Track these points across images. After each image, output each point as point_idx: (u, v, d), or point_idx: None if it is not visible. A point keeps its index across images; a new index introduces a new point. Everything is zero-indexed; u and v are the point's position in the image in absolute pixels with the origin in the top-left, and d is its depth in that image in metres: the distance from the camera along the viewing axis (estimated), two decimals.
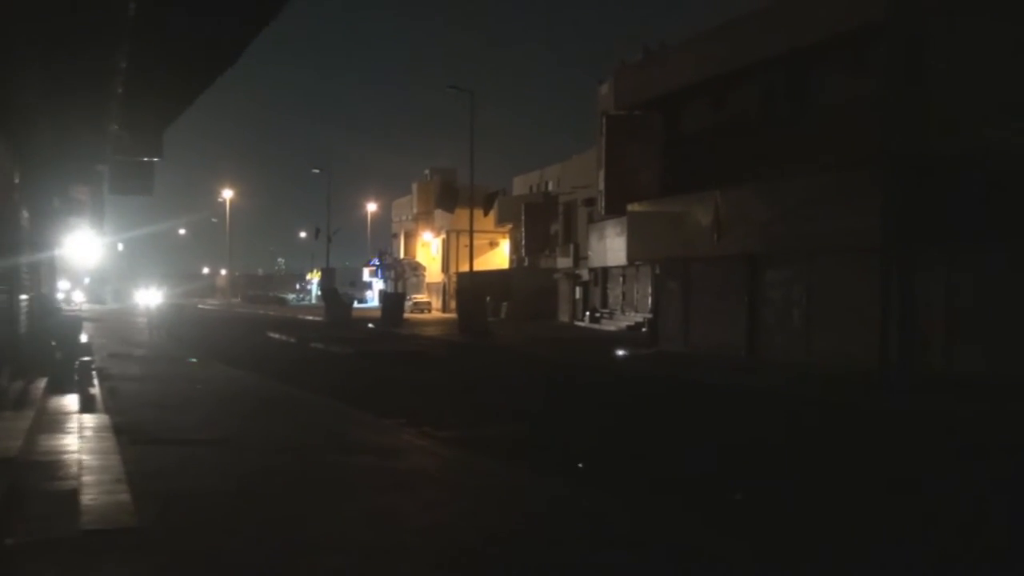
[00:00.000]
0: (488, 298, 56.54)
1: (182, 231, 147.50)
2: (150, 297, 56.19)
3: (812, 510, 10.01)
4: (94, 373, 18.97)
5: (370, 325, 53.41)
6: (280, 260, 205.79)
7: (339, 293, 64.96)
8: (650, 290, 39.16)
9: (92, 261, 47.75)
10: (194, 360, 27.04)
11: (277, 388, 20.34)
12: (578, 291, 58.48)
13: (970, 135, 21.74)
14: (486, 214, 67.85)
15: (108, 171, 21.67)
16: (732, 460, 13.04)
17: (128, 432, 12.56)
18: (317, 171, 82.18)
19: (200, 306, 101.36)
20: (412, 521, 8.45)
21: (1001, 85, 21.92)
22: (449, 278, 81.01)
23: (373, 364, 28.98)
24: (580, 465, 12.28)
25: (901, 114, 21.65)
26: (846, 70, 25.13)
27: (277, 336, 43.73)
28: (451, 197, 79.00)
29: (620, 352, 32.07)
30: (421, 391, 21.52)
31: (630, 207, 34.58)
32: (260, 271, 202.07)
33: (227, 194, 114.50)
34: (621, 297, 52.26)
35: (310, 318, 65.99)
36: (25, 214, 18.41)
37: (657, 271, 35.00)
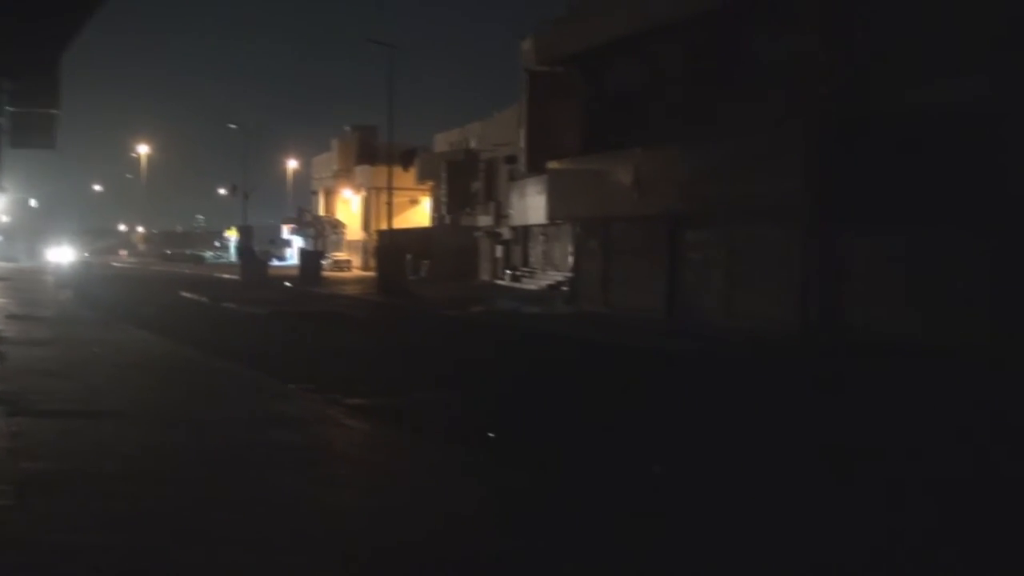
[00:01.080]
0: (409, 256, 55.71)
1: (97, 187, 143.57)
2: (62, 254, 54.57)
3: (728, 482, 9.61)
4: None
5: (287, 284, 52.33)
6: (200, 217, 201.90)
7: (255, 251, 63.59)
8: (571, 249, 38.73)
9: None
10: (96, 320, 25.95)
11: (182, 352, 19.47)
12: (499, 250, 57.91)
13: (897, 96, 21.50)
14: (405, 169, 66.76)
15: (5, 125, 20.54)
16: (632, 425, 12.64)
17: (8, 403, 11.69)
18: (233, 127, 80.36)
19: (114, 263, 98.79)
20: (308, 505, 7.83)
21: (929, 46, 21.68)
22: (370, 236, 79.86)
23: (285, 326, 28.15)
24: (491, 435, 11.75)
25: (828, 75, 21.32)
26: (774, 28, 24.59)
27: (190, 295, 42.49)
28: (371, 152, 77.81)
29: (537, 312, 31.64)
30: (333, 355, 20.85)
31: (550, 165, 34.00)
32: (179, 228, 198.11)
33: (142, 149, 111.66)
34: (542, 256, 51.84)
35: (226, 276, 64.51)
36: None
37: (578, 230, 34.55)
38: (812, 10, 20.86)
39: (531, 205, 48.50)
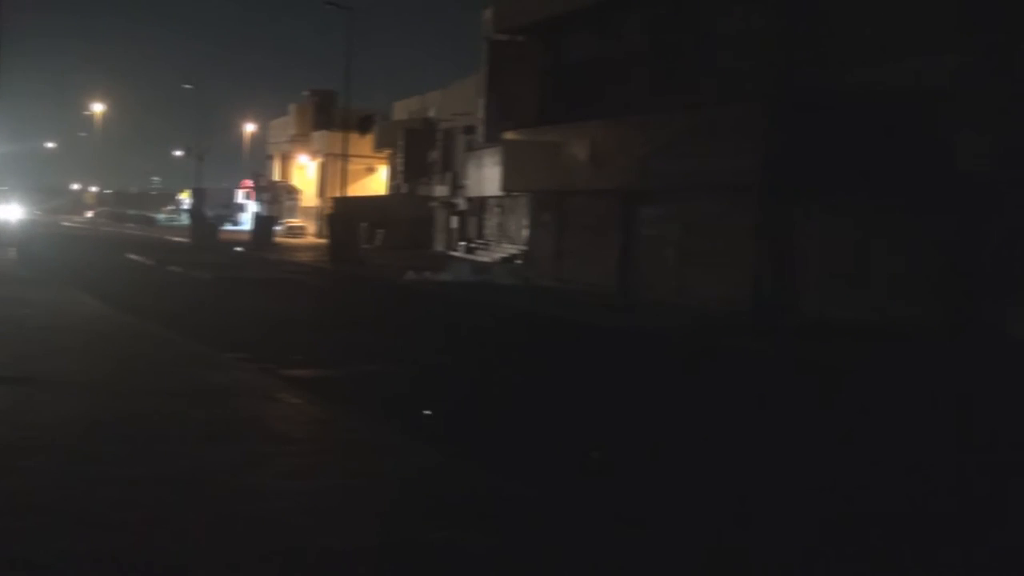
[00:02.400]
0: (364, 225, 54.98)
1: (50, 144, 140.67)
2: (9, 212, 53.32)
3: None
4: None
5: (238, 248, 51.48)
6: (155, 178, 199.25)
7: (205, 214, 62.60)
8: (526, 222, 38.28)
9: None
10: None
11: (115, 316, 18.82)
12: (455, 221, 57.29)
13: (856, 74, 21.25)
14: (362, 136, 65.86)
15: None
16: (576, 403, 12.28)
17: None
18: (189, 87, 78.95)
19: (64, 223, 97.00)
20: (222, 487, 7.34)
21: (887, 24, 21.44)
22: (325, 203, 78.85)
23: (230, 291, 27.51)
24: (427, 412, 11.32)
25: (786, 50, 20.95)
26: (733, 2, 24.21)
27: (136, 258, 41.60)
28: (327, 116, 76.75)
29: (485, 284, 31.20)
30: (276, 323, 20.31)
31: (506, 136, 33.48)
32: (133, 189, 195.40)
33: (97, 107, 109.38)
34: (497, 228, 51.29)
35: (177, 239, 63.42)
36: None
37: (533, 203, 34.12)
38: None
39: (487, 176, 47.88)
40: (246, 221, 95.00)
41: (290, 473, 7.86)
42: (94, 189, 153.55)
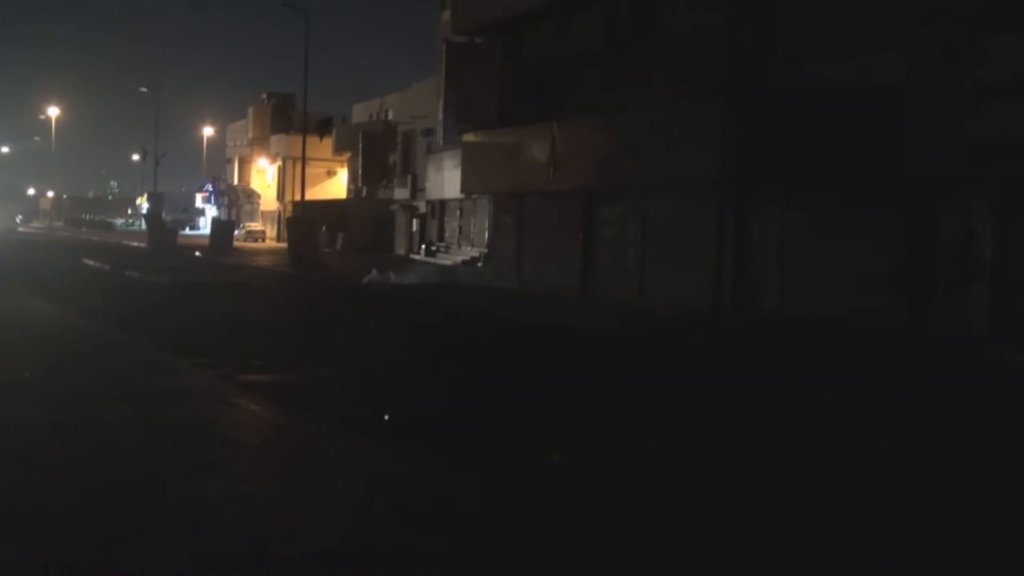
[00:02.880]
0: (324, 228, 54.71)
1: (4, 148, 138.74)
2: None
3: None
4: None
5: (196, 253, 51.06)
6: (113, 183, 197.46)
7: (163, 219, 62.08)
8: (487, 224, 38.20)
9: None
10: None
11: (69, 320, 18.56)
12: (415, 223, 57.11)
13: (812, 71, 21.35)
14: (321, 139, 65.49)
15: None
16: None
17: None
18: (145, 89, 78.12)
19: (20, 229, 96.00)
20: (174, 492, 7.21)
21: (840, 20, 21.57)
22: (284, 206, 78.36)
23: (187, 295, 27.20)
24: (385, 416, 11.19)
25: (743, 47, 20.99)
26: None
27: (92, 263, 41.09)
28: (285, 120, 76.22)
29: (448, 288, 31.09)
30: (233, 327, 20.07)
31: (465, 137, 33.36)
32: (91, 194, 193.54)
33: (52, 112, 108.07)
34: (458, 231, 51.18)
35: (135, 244, 62.82)
36: None
37: (493, 205, 34.03)
38: None
39: (447, 179, 47.77)
40: (204, 225, 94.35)
41: (244, 479, 7.72)
42: (50, 194, 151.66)
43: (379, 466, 8.49)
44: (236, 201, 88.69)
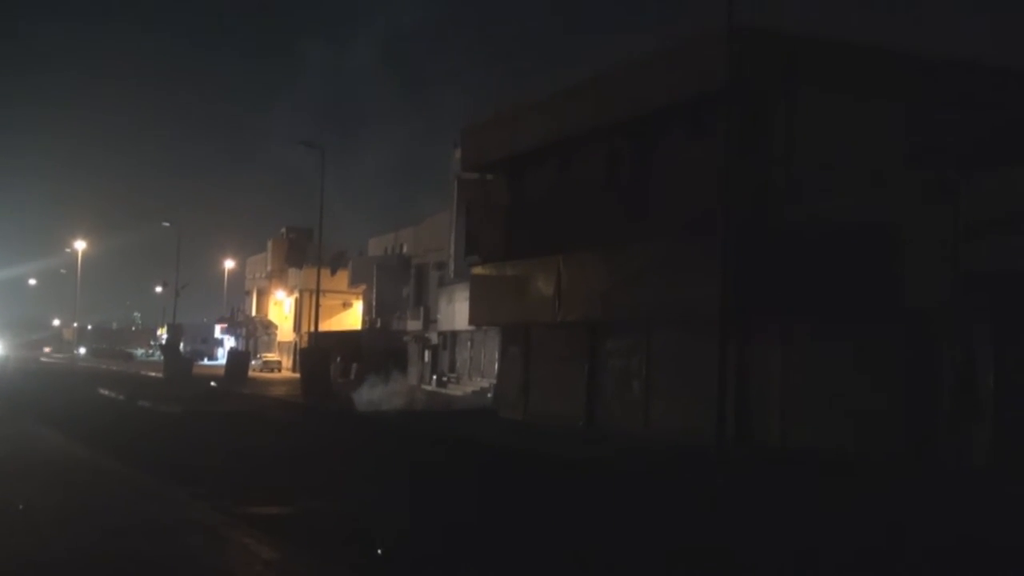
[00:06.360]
0: (338, 359, 55.04)
1: (32, 281, 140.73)
2: None
3: None
4: None
5: (212, 383, 51.34)
6: (136, 314, 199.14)
7: (179, 349, 62.60)
8: (497, 355, 38.42)
9: None
10: None
11: (75, 451, 18.75)
12: (427, 354, 57.44)
13: (809, 206, 21.81)
14: (333, 273, 66.41)
15: None
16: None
17: None
18: (167, 224, 79.94)
19: (42, 359, 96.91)
20: None
21: (839, 156, 22.14)
22: (300, 337, 78.98)
23: (198, 426, 27.34)
24: (379, 551, 11.21)
25: (741, 183, 21.46)
26: (689, 137, 24.84)
27: (107, 392, 41.39)
28: (299, 255, 77.42)
29: (456, 419, 31.18)
30: (239, 457, 20.14)
31: (473, 270, 33.89)
32: (115, 325, 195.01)
33: (79, 245, 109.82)
34: (469, 361, 51.42)
35: (152, 374, 63.20)
36: None
37: (502, 336, 34.30)
38: (727, 122, 21.04)
39: (458, 310, 48.25)
40: (223, 356, 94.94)
41: None
42: (75, 324, 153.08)
43: None
44: (254, 332, 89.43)
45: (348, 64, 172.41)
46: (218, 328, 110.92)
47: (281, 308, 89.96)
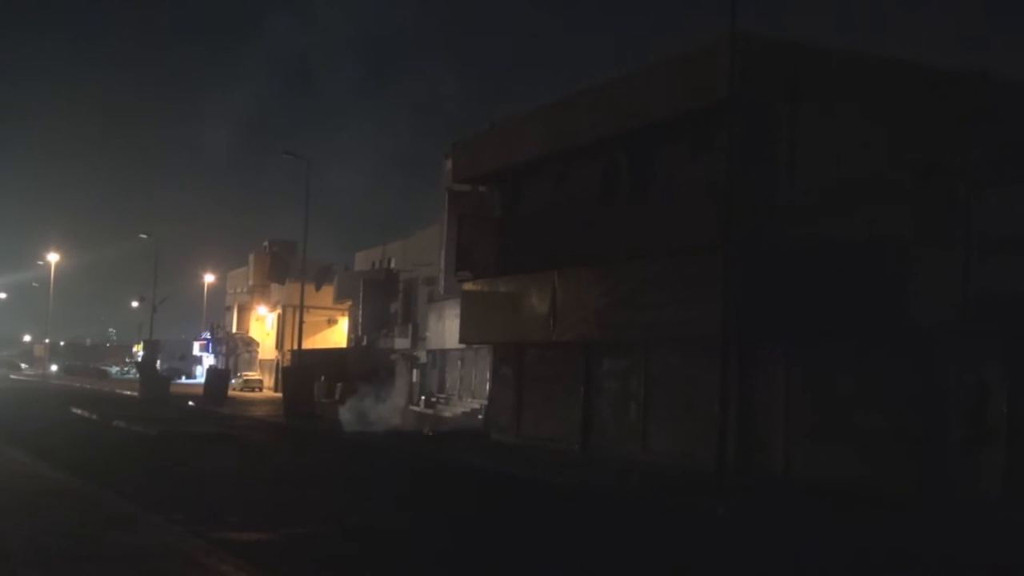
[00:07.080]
0: (323, 378, 53.98)
1: (1, 295, 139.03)
2: None
3: None
4: None
5: (190, 403, 50.25)
6: (111, 330, 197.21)
7: (156, 367, 61.45)
8: (488, 375, 37.53)
9: None
10: None
11: (42, 473, 17.81)
12: (415, 373, 56.41)
13: (813, 225, 21.14)
14: (318, 289, 65.36)
15: None
16: None
17: None
18: (145, 236, 78.82)
19: (12, 376, 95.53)
20: None
21: (845, 172, 21.48)
22: (283, 355, 77.86)
23: (173, 447, 26.33)
24: None
25: (743, 198, 20.71)
26: (689, 151, 24.02)
27: (80, 412, 40.21)
28: (282, 269, 76.23)
29: (443, 441, 30.30)
30: (216, 480, 19.31)
31: (464, 287, 32.94)
32: (88, 341, 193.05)
33: (52, 257, 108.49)
34: (459, 381, 50.47)
35: (127, 393, 61.91)
36: None
37: (494, 356, 33.38)
38: (728, 135, 20.30)
39: (448, 328, 47.26)
40: (202, 374, 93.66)
41: None
42: (47, 341, 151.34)
43: None
44: (235, 349, 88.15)
45: (333, 74, 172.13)
46: (197, 345, 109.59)
47: (263, 324, 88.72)
